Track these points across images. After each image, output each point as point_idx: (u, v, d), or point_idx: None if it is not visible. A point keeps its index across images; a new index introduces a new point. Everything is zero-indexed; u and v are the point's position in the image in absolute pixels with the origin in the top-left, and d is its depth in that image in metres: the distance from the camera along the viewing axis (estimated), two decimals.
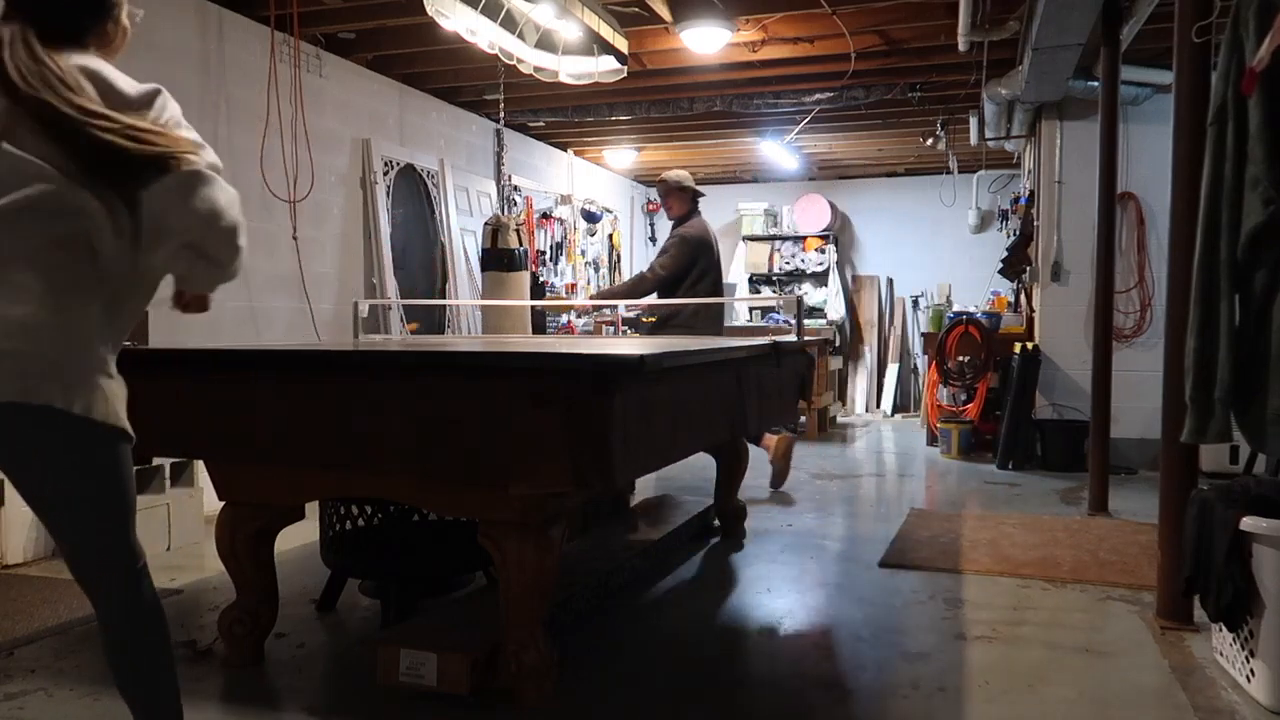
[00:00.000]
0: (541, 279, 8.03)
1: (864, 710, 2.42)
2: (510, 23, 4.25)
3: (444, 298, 6.67)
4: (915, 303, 10.20)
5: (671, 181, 5.36)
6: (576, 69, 4.70)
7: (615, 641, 2.95)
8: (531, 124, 7.80)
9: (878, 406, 10.06)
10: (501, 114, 6.86)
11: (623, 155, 9.18)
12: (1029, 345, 6.39)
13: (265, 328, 5.16)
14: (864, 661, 2.76)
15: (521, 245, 6.14)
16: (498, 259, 6.07)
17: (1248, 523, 2.47)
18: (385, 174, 6.15)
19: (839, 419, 9.17)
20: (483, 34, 4.15)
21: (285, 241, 5.26)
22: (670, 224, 5.45)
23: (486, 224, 6.19)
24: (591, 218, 9.11)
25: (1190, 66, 2.97)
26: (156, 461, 4.04)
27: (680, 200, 5.34)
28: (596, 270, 9.38)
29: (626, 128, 8.09)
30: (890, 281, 10.43)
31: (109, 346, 1.69)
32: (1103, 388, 4.84)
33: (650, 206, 10.99)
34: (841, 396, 9.56)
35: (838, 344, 9.33)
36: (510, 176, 7.63)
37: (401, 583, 2.98)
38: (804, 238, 10.33)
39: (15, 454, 1.64)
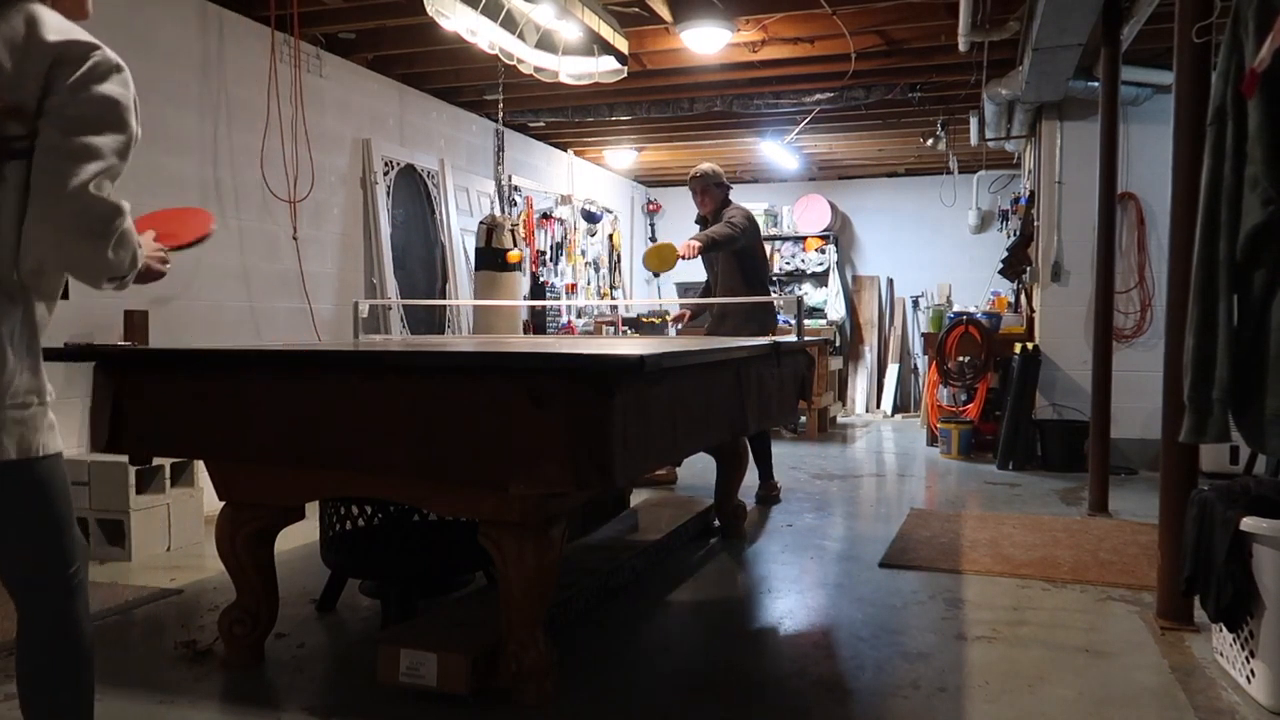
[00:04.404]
0: (542, 279, 8.03)
1: (864, 710, 2.42)
2: (510, 23, 4.25)
3: (444, 298, 6.67)
4: (915, 303, 10.20)
5: (710, 175, 5.15)
6: (576, 69, 4.70)
7: (615, 641, 2.95)
8: (531, 124, 7.80)
9: (878, 407, 10.06)
10: (501, 114, 6.86)
11: (623, 155, 9.18)
12: (1029, 345, 6.39)
13: (265, 328, 5.16)
14: (864, 661, 2.76)
15: (515, 246, 6.12)
16: (491, 259, 6.07)
17: (1248, 523, 2.47)
18: (385, 174, 6.15)
19: (839, 419, 9.17)
20: (483, 34, 4.15)
21: (285, 241, 5.26)
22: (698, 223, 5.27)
23: (481, 223, 6.19)
24: (591, 218, 9.11)
25: (1190, 66, 2.97)
26: (156, 461, 4.04)
27: (715, 197, 5.14)
28: (597, 270, 9.38)
29: (626, 128, 8.10)
30: (890, 282, 10.43)
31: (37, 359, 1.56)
32: (1103, 388, 4.84)
33: (651, 207, 10.98)
34: (841, 396, 9.56)
35: (838, 344, 9.33)
36: (510, 176, 7.63)
37: (401, 583, 2.98)
38: (804, 238, 10.33)
39: None
